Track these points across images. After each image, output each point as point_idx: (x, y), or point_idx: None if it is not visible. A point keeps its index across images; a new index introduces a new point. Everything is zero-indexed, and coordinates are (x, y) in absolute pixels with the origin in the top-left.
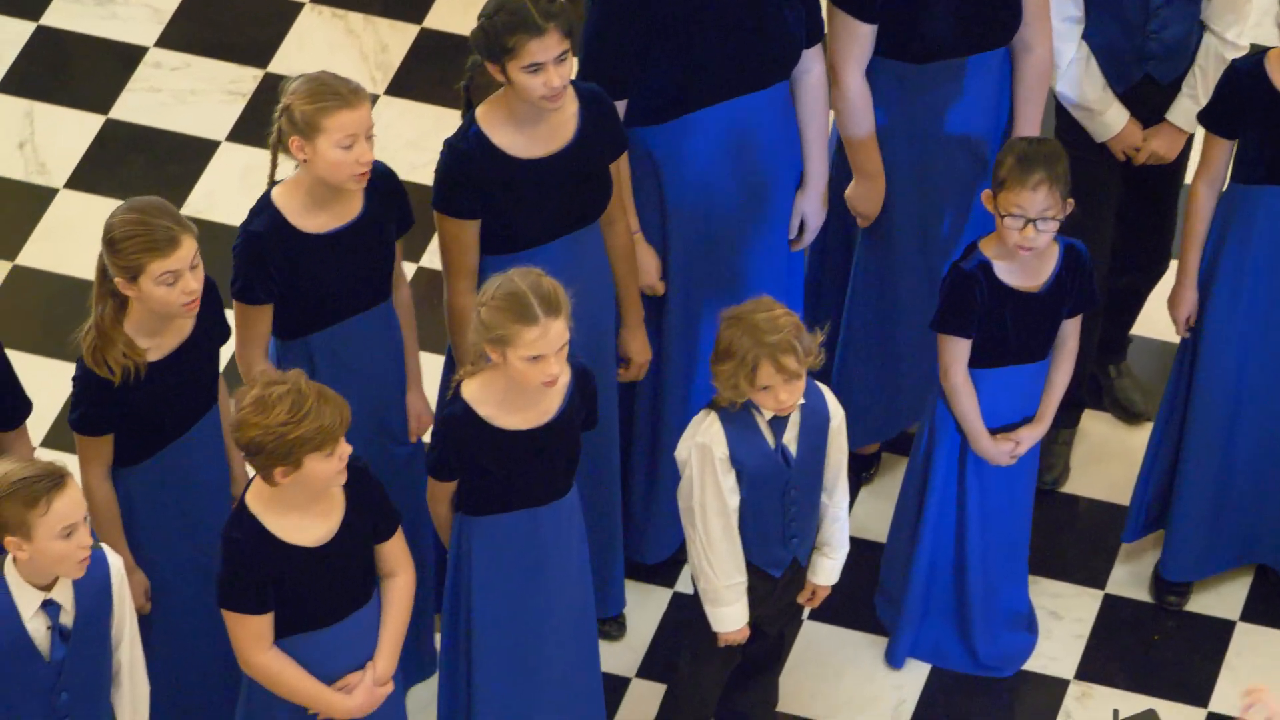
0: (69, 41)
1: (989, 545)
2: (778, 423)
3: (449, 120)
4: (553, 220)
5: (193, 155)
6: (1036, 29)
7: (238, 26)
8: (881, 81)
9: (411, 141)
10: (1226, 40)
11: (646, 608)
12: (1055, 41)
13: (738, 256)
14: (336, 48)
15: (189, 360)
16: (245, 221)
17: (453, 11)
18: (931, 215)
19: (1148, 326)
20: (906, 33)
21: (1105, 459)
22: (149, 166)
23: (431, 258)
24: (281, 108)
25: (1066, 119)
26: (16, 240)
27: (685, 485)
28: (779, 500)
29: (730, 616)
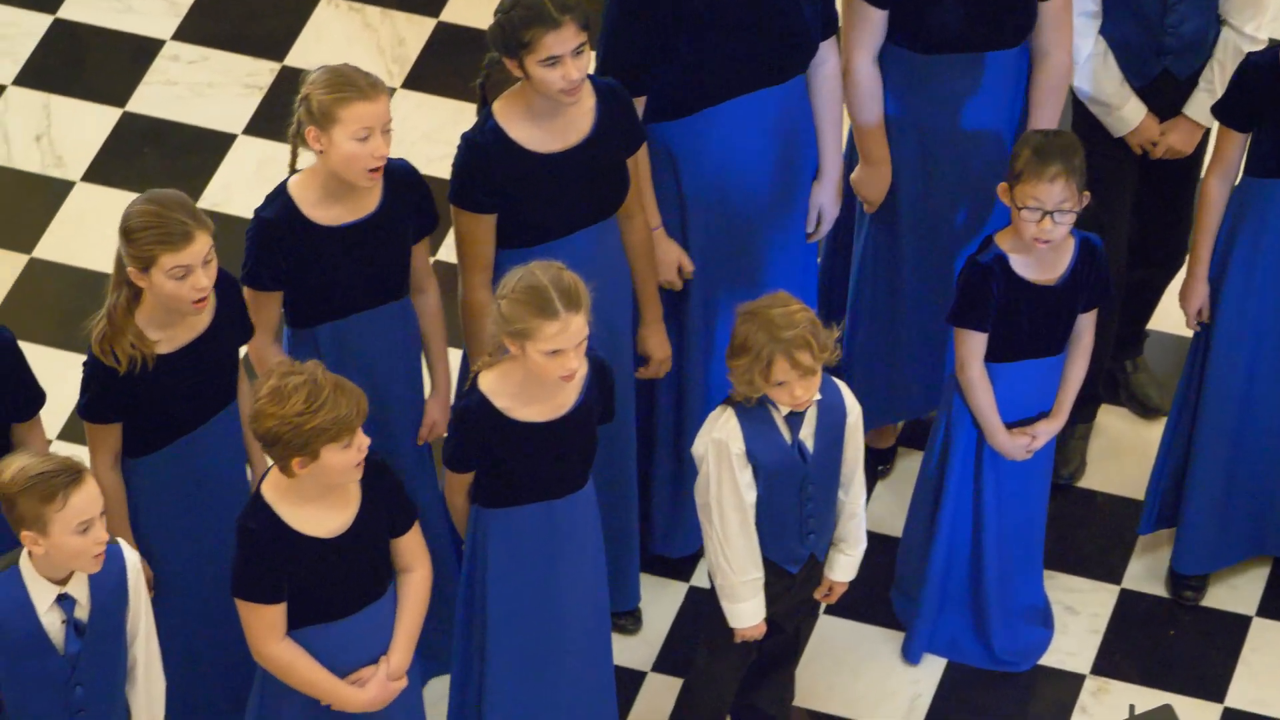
0: (86, 34)
1: (1005, 539)
2: (794, 418)
3: (465, 114)
4: (569, 215)
5: (209, 148)
6: (1055, 35)
7: (254, 20)
8: (894, 71)
9: (428, 134)
10: (1245, 34)
11: (663, 602)
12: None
13: (757, 250)
14: (353, 41)
15: (202, 356)
16: (259, 207)
17: (469, 5)
18: (938, 208)
19: (1164, 321)
20: (915, 21)
21: (1122, 454)
22: (165, 159)
23: (448, 251)
24: (301, 97)
25: (1084, 113)
26: (33, 233)
27: (702, 480)
28: (796, 496)
29: (746, 612)
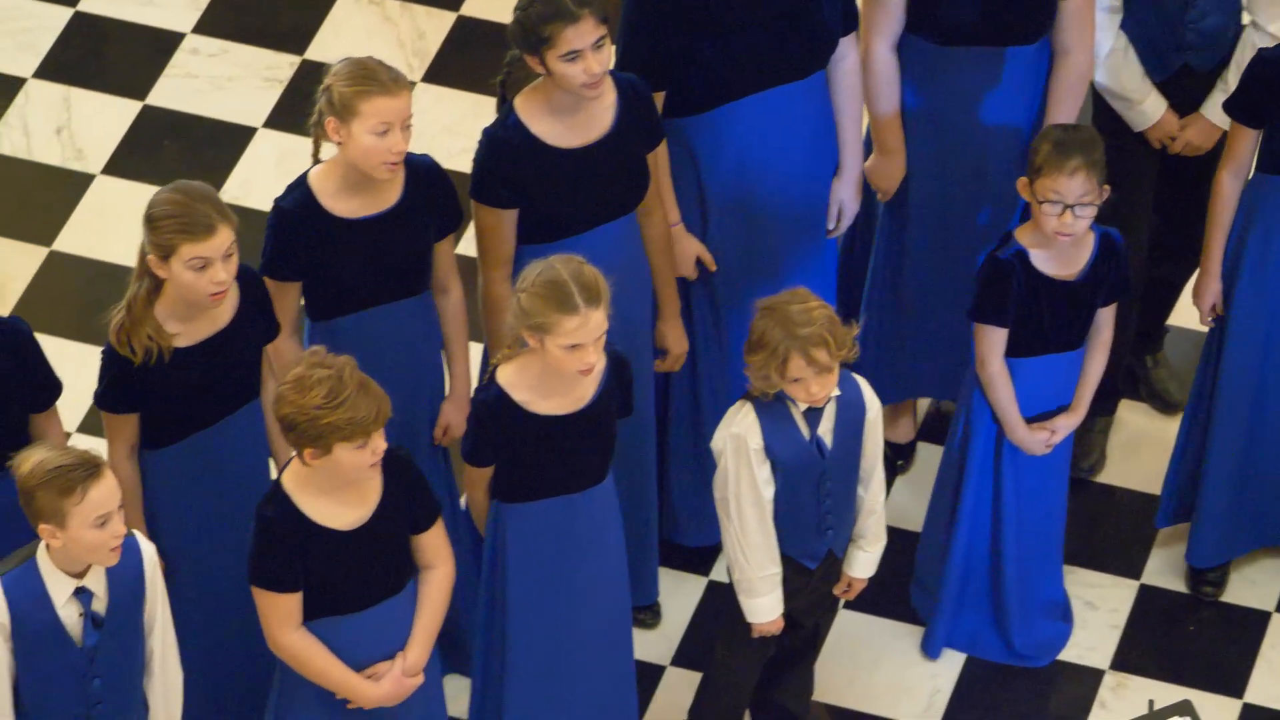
0: (106, 27)
1: (1024, 534)
2: (813, 414)
3: (485, 107)
4: (590, 210)
5: (229, 141)
6: (1076, 34)
7: (275, 13)
8: (913, 62)
9: (448, 128)
10: (1268, 32)
11: (682, 596)
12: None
13: (776, 246)
14: (373, 34)
15: (221, 352)
16: (278, 197)
17: None
18: (951, 201)
19: (1184, 317)
20: (931, 10)
21: (1141, 449)
22: (185, 153)
23: (466, 245)
24: (323, 88)
25: (1104, 107)
26: (53, 226)
27: (720, 475)
28: (814, 492)
29: (764, 607)
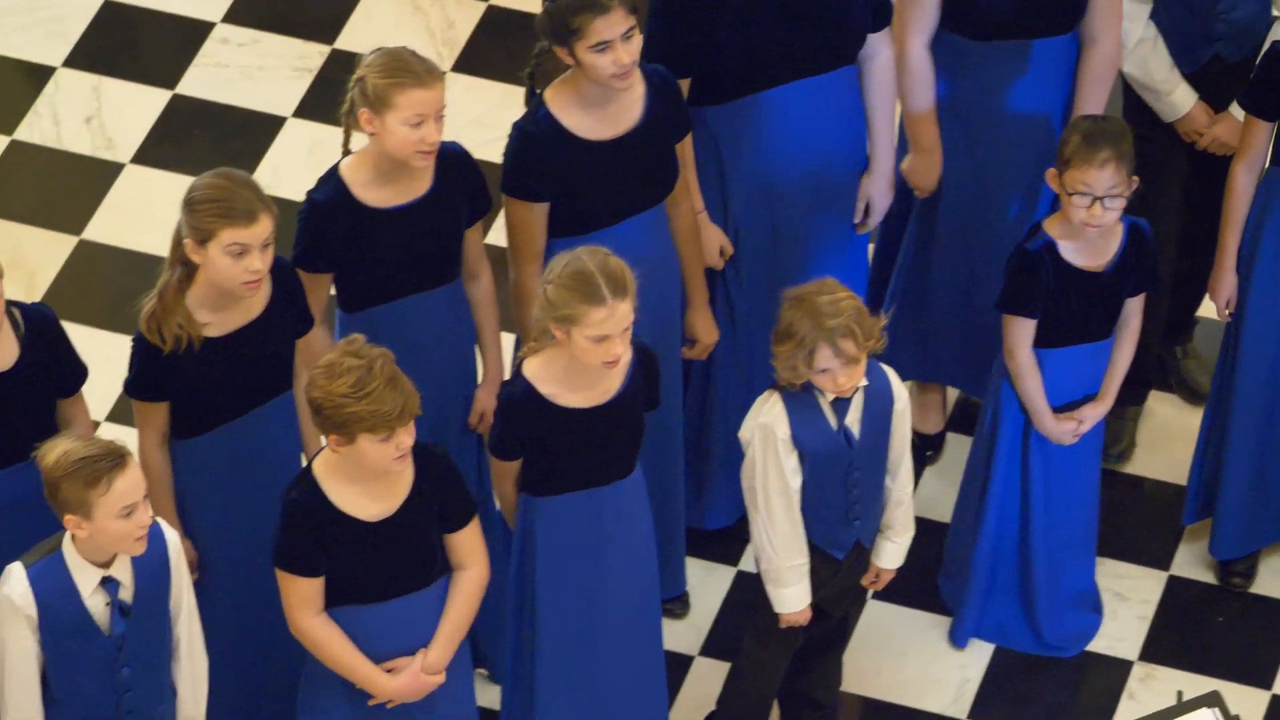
0: (136, 17)
1: (1053, 524)
2: (840, 404)
3: (515, 97)
4: (621, 202)
5: (259, 131)
6: (1104, 22)
7: (305, 2)
8: (943, 56)
9: (477, 118)
10: None
11: (710, 586)
12: (1124, 22)
13: (799, 238)
14: (403, 24)
15: (252, 343)
16: (311, 189)
17: None
18: (982, 194)
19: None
20: (968, 5)
21: (1171, 440)
22: (215, 142)
23: (496, 235)
24: (356, 79)
25: (1134, 99)
26: (83, 215)
27: (748, 465)
28: (841, 482)
29: (792, 597)
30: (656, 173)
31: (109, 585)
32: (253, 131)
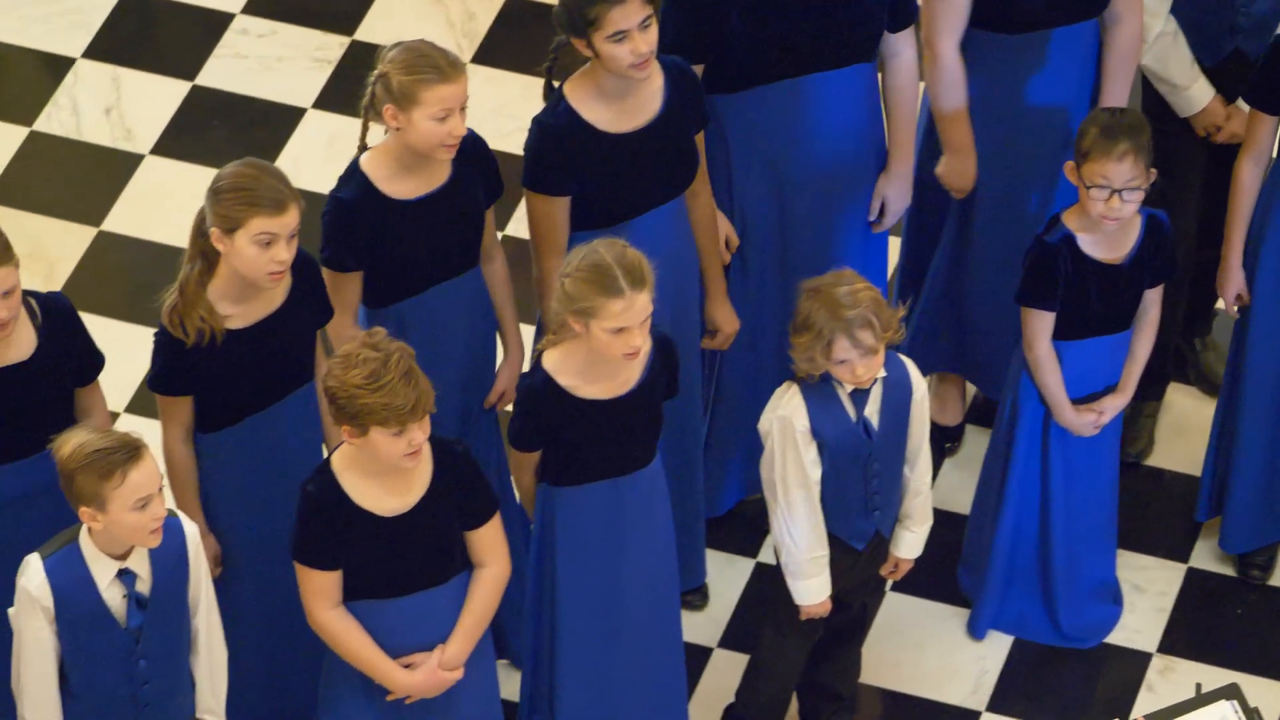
0: (156, 7)
1: (1073, 516)
2: (859, 395)
3: (535, 88)
4: (643, 194)
5: (278, 122)
6: (1128, 1)
7: None
8: (972, 54)
9: (497, 109)
10: None
11: (729, 578)
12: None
13: (808, 232)
14: (423, 15)
15: (274, 334)
16: (334, 189)
17: None
18: (1016, 187)
19: None
20: (1003, 2)
21: (1190, 432)
22: (234, 133)
23: (516, 226)
24: (377, 74)
25: (1153, 92)
26: (102, 206)
27: (767, 457)
28: (861, 473)
29: (812, 589)
30: (677, 164)
31: (126, 577)
32: (272, 123)
